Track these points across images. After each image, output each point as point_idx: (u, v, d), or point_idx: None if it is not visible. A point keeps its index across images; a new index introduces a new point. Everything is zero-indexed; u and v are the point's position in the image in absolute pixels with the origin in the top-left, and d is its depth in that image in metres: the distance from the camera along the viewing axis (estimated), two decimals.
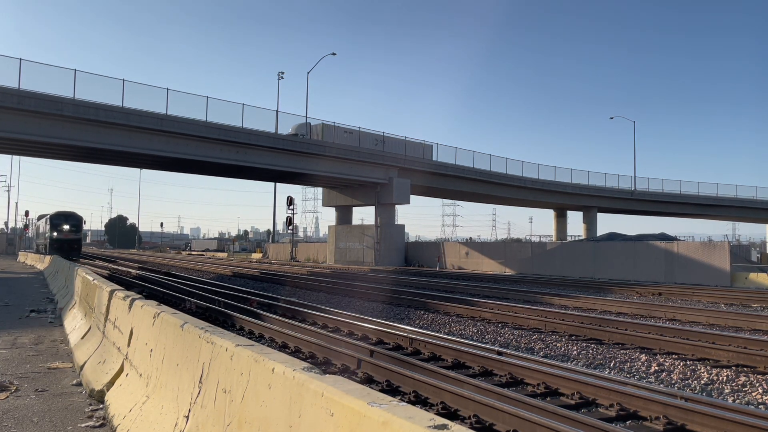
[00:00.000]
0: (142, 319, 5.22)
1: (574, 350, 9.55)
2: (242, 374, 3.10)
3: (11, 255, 59.50)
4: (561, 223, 64.17)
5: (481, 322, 12.91)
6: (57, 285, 17.15)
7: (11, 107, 27.12)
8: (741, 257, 33.30)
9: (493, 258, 39.58)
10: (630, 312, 15.00)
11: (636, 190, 58.65)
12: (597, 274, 31.57)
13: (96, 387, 5.61)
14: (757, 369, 8.07)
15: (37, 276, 25.62)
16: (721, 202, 62.87)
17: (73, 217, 45.47)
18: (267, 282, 25.16)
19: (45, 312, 12.59)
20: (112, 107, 30.13)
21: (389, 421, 1.97)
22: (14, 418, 4.99)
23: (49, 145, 31.24)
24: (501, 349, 8.34)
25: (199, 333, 3.88)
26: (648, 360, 8.70)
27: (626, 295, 20.54)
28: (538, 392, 6.34)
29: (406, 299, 16.52)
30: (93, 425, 4.81)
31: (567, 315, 13.24)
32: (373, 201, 45.05)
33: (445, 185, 47.08)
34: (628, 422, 5.48)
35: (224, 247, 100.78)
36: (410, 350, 8.72)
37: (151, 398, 4.36)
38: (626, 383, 6.31)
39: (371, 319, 11.74)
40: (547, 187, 52.91)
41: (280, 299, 15.46)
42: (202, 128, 33.47)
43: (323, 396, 2.36)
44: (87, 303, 8.92)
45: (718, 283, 26.19)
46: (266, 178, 47.66)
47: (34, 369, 6.95)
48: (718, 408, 5.34)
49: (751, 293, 20.23)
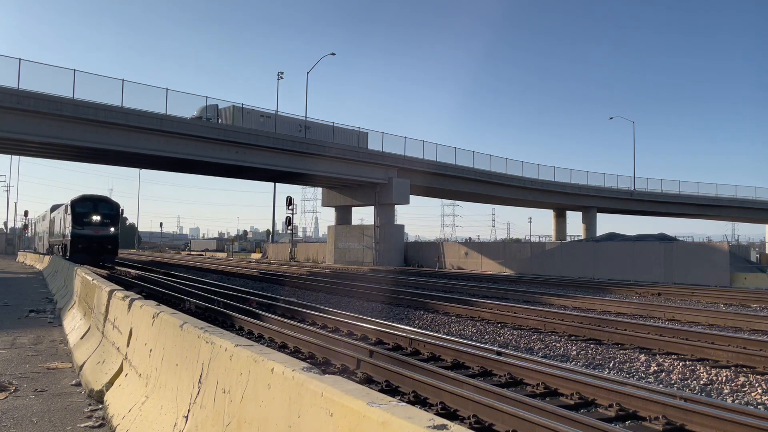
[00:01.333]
0: (141, 319, 5.22)
1: (573, 350, 9.55)
2: (241, 374, 3.10)
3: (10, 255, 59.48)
4: (560, 224, 64.21)
5: (481, 322, 12.91)
6: (56, 285, 17.15)
7: (10, 107, 27.11)
8: (740, 257, 33.29)
9: (492, 258, 39.58)
10: (629, 312, 15.00)
11: (635, 191, 58.68)
12: (596, 275, 31.57)
13: (95, 387, 5.61)
14: (757, 369, 8.07)
15: (37, 276, 25.60)
16: (721, 202, 62.92)
17: (106, 204, 31.39)
18: (266, 282, 25.15)
19: (44, 312, 12.58)
20: (111, 107, 30.13)
21: (388, 422, 1.97)
22: (13, 418, 4.98)
23: (48, 145, 31.23)
24: (500, 350, 8.34)
25: (198, 333, 3.87)
26: (647, 360, 8.71)
27: (625, 296, 20.54)
28: (537, 392, 6.34)
29: (406, 299, 16.52)
30: (92, 425, 4.80)
31: (566, 315, 13.24)
32: (372, 201, 45.06)
33: (444, 185, 47.09)
34: (627, 422, 5.48)
35: (223, 247, 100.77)
36: (410, 350, 8.72)
37: (150, 398, 4.35)
38: (625, 383, 6.32)
39: (370, 319, 11.74)
40: (546, 187, 52.93)
41: (280, 299, 15.46)
42: (201, 128, 33.49)
43: (322, 396, 2.36)
44: (86, 303, 8.92)
45: (717, 283, 26.20)
46: (265, 178, 47.65)
47: (34, 369, 6.95)
48: (717, 408, 5.34)
49: (751, 293, 20.23)
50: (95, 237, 29.86)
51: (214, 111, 35.23)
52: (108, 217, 30.78)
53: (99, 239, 29.98)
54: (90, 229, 29.78)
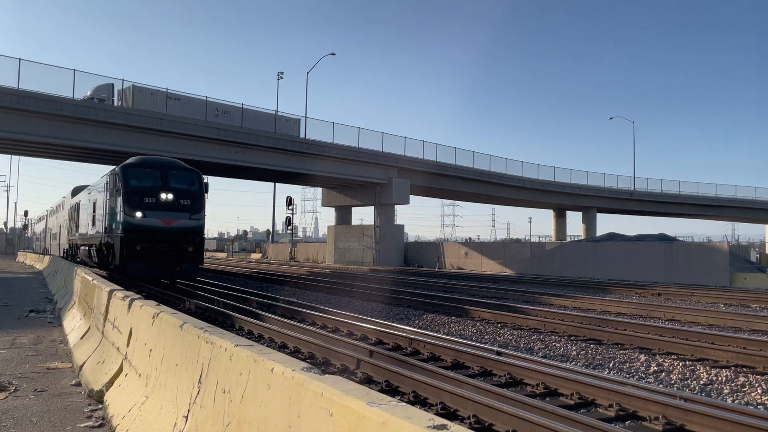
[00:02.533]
0: (141, 319, 5.22)
1: (573, 350, 9.55)
2: (241, 374, 3.10)
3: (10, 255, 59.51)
4: (560, 224, 64.21)
5: (481, 322, 12.91)
6: (56, 285, 17.14)
7: (10, 107, 27.10)
8: (740, 258, 33.29)
9: (492, 258, 39.59)
10: (629, 312, 15.00)
11: (635, 191, 58.68)
12: (596, 275, 31.57)
13: (95, 387, 5.61)
14: (756, 369, 8.07)
15: (36, 276, 25.61)
16: (720, 202, 62.92)
17: (182, 173, 18.59)
18: (266, 282, 25.15)
19: (44, 312, 12.58)
20: (111, 107, 30.13)
21: (388, 422, 1.97)
22: (13, 418, 4.98)
23: (48, 145, 31.21)
24: (500, 350, 8.35)
25: (198, 333, 3.87)
26: (647, 360, 8.71)
27: (625, 296, 20.54)
28: (537, 392, 6.34)
29: (406, 299, 16.52)
30: (92, 425, 4.80)
31: (566, 315, 13.24)
32: (372, 201, 45.06)
33: (444, 185, 47.09)
34: (627, 422, 5.48)
35: (223, 247, 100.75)
36: (409, 350, 8.72)
37: (150, 398, 4.35)
38: (625, 383, 6.32)
39: (370, 319, 11.74)
40: (546, 187, 52.93)
41: (279, 299, 15.46)
42: (201, 128, 33.47)
43: (322, 396, 2.36)
44: (86, 303, 8.92)
45: (717, 283, 26.19)
46: (265, 178, 47.64)
47: (33, 369, 6.94)
48: (717, 408, 5.34)
49: (750, 293, 20.23)
50: (167, 231, 17.27)
51: (109, 91, 30.44)
52: (187, 195, 17.89)
53: (174, 235, 17.33)
54: (157, 217, 17.21)
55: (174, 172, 18.26)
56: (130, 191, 17.34)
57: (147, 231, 17.01)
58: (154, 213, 17.24)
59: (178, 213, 17.62)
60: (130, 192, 17.33)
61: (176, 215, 17.59)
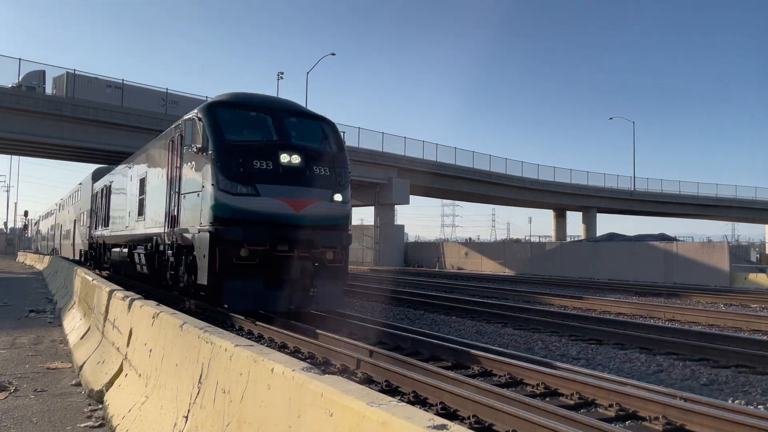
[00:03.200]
0: (141, 319, 5.22)
1: (573, 350, 9.55)
2: (241, 374, 3.10)
3: (10, 255, 59.53)
4: (560, 224, 64.22)
5: (481, 322, 12.91)
6: (56, 285, 17.14)
7: (10, 107, 27.12)
8: (740, 258, 33.31)
9: (492, 258, 39.60)
10: (629, 312, 15.00)
11: (635, 191, 58.70)
12: (596, 275, 31.57)
13: (95, 387, 5.61)
14: (756, 369, 8.07)
15: (37, 276, 25.61)
16: (721, 202, 62.94)
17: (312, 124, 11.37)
18: None
19: (44, 312, 12.58)
20: (111, 107, 30.11)
21: (388, 422, 1.97)
22: (13, 418, 4.98)
23: (48, 146, 31.24)
24: (501, 349, 8.34)
25: (198, 333, 3.87)
26: (647, 360, 8.70)
27: (625, 296, 20.54)
28: (537, 392, 6.34)
29: (406, 299, 16.52)
30: (92, 425, 4.80)
31: (566, 315, 13.24)
32: (372, 201, 45.06)
33: (444, 185, 47.11)
34: (627, 422, 5.48)
35: None
36: (409, 350, 8.71)
37: (150, 398, 4.35)
38: (625, 383, 6.31)
39: (370, 318, 11.73)
40: (546, 187, 52.95)
41: None
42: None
43: (322, 396, 2.36)
44: (86, 303, 8.92)
45: (717, 283, 26.19)
46: None
47: (33, 369, 6.95)
48: (717, 408, 5.34)
49: (751, 294, 20.23)
50: (296, 222, 10.12)
51: (39, 78, 28.18)
52: (323, 159, 10.78)
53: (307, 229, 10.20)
54: (278, 196, 10.00)
55: (295, 120, 11.19)
56: (226, 149, 10.00)
57: (261, 222, 9.86)
58: (271, 190, 9.93)
59: (312, 190, 10.32)
60: (226, 151, 9.98)
61: (310, 194, 10.29)
